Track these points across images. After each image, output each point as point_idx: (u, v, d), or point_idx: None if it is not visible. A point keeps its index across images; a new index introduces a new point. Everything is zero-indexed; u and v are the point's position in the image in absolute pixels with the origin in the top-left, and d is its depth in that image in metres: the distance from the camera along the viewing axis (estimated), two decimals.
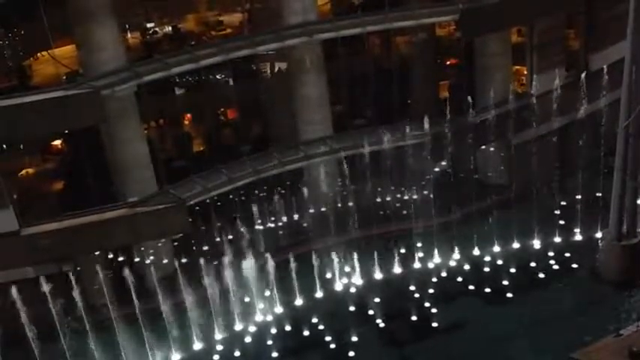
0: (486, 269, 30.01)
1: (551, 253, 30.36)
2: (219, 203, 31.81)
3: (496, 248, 30.72)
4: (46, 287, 25.49)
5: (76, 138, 30.09)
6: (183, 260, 29.95)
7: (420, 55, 35.56)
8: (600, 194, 31.47)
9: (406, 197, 33.01)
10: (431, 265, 30.45)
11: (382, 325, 27.72)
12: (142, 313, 26.93)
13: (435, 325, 27.37)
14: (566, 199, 32.93)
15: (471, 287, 29.17)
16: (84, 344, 27.07)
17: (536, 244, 30.88)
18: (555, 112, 31.36)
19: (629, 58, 26.14)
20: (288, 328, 28.07)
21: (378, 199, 33.62)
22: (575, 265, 29.71)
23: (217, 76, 34.34)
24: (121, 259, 30.68)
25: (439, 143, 30.78)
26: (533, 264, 29.94)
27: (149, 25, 34.73)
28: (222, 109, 36.03)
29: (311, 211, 32.13)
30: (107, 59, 27.87)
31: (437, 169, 34.05)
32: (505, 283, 29.01)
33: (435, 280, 29.63)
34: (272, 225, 33.20)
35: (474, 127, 31.03)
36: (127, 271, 26.47)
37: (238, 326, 28.37)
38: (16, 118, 26.20)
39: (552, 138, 31.90)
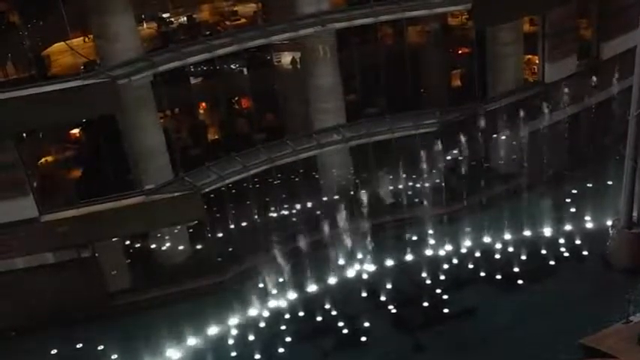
0: (497, 256, 30.32)
1: (561, 241, 30.68)
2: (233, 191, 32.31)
3: (507, 236, 31.03)
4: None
5: (93, 127, 30.56)
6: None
7: (432, 45, 35.73)
8: (611, 182, 31.71)
9: (418, 185, 33.33)
10: (442, 253, 30.77)
11: (394, 310, 28.24)
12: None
13: (446, 311, 27.82)
14: (578, 187, 33.21)
15: (482, 274, 29.59)
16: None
17: (547, 231, 31.16)
18: (567, 101, 31.53)
19: None
20: (301, 313, 28.61)
21: (390, 187, 33.98)
22: (585, 253, 30.00)
23: (232, 66, 34.64)
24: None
25: (451, 132, 31.07)
26: (543, 251, 30.28)
27: (164, 15, 35.00)
28: (236, 98, 36.35)
29: (324, 198, 32.50)
30: (124, 49, 28.26)
31: (449, 157, 34.35)
32: (516, 270, 29.36)
33: (446, 266, 30.03)
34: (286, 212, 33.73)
35: (485, 115, 31.28)
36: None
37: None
38: (36, 108, 26.75)
39: (564, 126, 32.07)
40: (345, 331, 27.32)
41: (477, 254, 30.27)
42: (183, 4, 34.94)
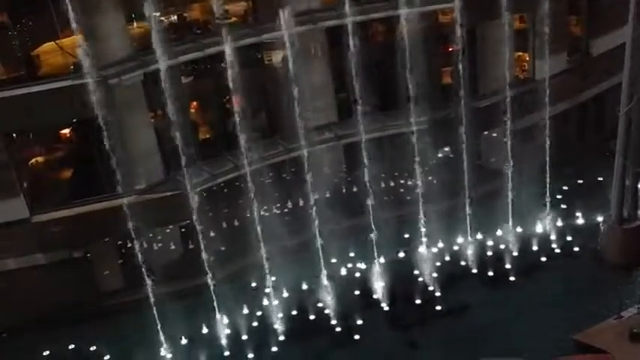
0: (489, 253, 30.40)
1: (553, 237, 30.79)
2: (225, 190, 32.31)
3: (498, 232, 31.10)
4: None
5: (84, 126, 30.35)
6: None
7: (423, 42, 35.64)
8: (602, 178, 31.85)
9: (409, 182, 33.40)
10: (434, 249, 30.81)
11: (387, 308, 28.29)
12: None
13: (438, 308, 27.89)
14: (568, 184, 33.35)
15: (474, 271, 29.68)
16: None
17: (539, 228, 31.25)
18: (557, 97, 31.61)
19: (630, 43, 26.38)
20: (294, 312, 28.61)
21: (382, 185, 34.06)
22: (576, 249, 30.13)
23: (222, 64, 34.45)
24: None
25: (442, 129, 31.12)
26: (535, 248, 30.39)
27: (155, 14, 34.77)
28: (227, 97, 36.22)
29: (315, 196, 32.43)
30: (114, 48, 28.15)
31: (440, 155, 34.45)
32: (507, 266, 29.46)
33: (438, 263, 30.09)
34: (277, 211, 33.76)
35: (476, 112, 31.33)
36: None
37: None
38: (25, 108, 26.68)
39: (554, 123, 32.13)
40: (339, 329, 27.40)
41: (469, 250, 30.42)
42: (174, 2, 34.73)
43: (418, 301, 28.25)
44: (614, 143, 28.42)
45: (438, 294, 28.47)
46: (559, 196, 32.50)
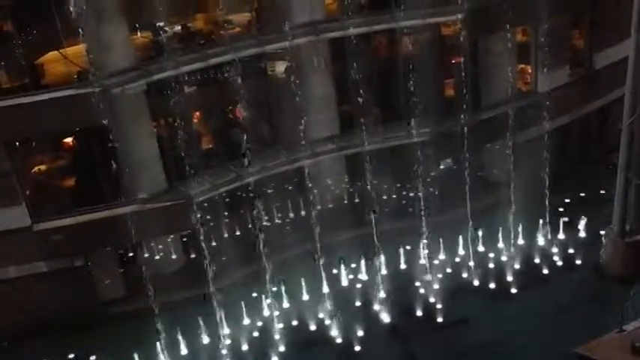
0: (490, 265, 30.32)
1: (554, 250, 30.72)
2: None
3: (500, 245, 31.03)
4: None
5: (87, 135, 30.50)
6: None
7: (425, 54, 35.79)
8: (604, 191, 31.78)
9: (411, 194, 33.39)
10: (435, 262, 30.74)
11: (387, 320, 28.20)
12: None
13: (439, 320, 27.80)
14: (570, 196, 33.29)
15: (475, 283, 29.59)
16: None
17: (540, 240, 31.19)
18: (559, 110, 31.66)
19: (633, 56, 26.41)
20: (295, 322, 28.53)
21: (384, 197, 34.06)
22: (578, 262, 30.05)
23: (225, 75, 34.59)
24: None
25: (444, 141, 31.15)
26: (536, 260, 30.32)
27: (159, 24, 34.93)
28: (230, 107, 36.38)
29: (317, 207, 32.46)
30: (117, 58, 28.27)
31: (442, 167, 34.46)
32: (509, 279, 29.36)
33: (439, 275, 30.01)
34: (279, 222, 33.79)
35: (478, 125, 31.35)
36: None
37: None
38: (29, 116, 26.80)
39: (557, 135, 32.18)
40: (339, 340, 27.33)
41: (470, 263, 30.33)
42: (177, 13, 34.93)
43: (419, 314, 28.17)
44: (617, 156, 28.39)
45: (439, 306, 28.35)
46: (561, 209, 32.43)
